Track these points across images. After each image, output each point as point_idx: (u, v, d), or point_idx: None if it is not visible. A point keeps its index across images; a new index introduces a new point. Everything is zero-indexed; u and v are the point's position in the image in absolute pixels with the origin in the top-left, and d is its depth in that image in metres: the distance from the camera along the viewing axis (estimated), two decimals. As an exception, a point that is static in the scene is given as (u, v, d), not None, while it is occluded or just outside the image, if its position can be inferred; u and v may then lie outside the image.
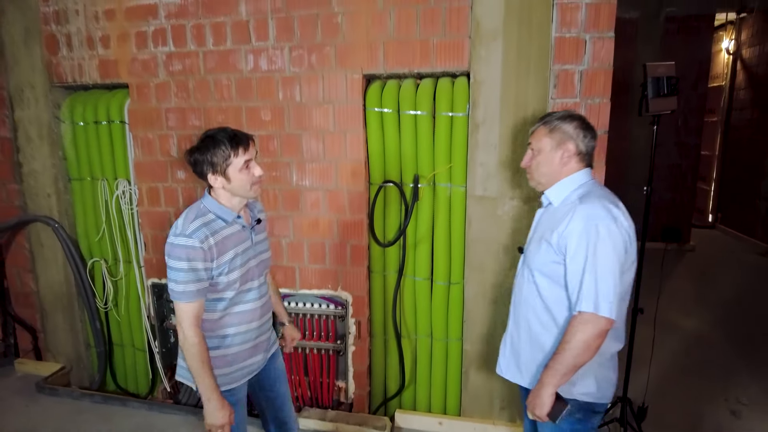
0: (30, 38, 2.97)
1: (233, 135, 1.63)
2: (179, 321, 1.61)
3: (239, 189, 1.66)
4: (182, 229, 1.58)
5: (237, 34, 2.64)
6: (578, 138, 1.62)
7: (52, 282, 3.33)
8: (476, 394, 2.68)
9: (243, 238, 1.72)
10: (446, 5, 2.37)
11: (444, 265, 2.62)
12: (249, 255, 1.74)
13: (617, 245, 1.47)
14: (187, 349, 1.61)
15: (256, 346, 1.83)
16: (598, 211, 1.49)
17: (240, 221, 1.72)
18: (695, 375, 3.33)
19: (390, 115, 2.53)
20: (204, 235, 1.58)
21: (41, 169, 3.16)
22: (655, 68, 2.04)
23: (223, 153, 1.60)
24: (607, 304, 1.45)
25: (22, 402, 3.10)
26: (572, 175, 1.64)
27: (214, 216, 1.65)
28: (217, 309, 1.69)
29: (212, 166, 1.62)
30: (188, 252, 1.56)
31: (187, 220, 1.61)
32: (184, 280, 1.57)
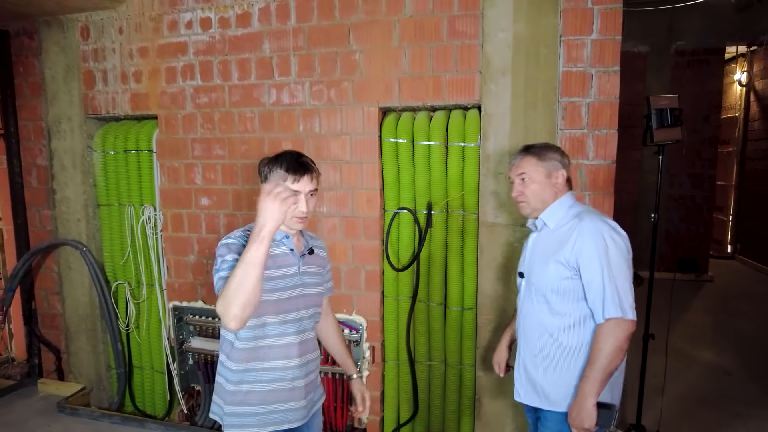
0: (70, 75, 3.19)
1: (296, 161, 1.60)
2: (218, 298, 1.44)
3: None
4: (234, 234, 1.61)
5: (261, 69, 2.81)
6: (564, 165, 1.79)
7: (77, 304, 3.45)
8: (489, 420, 2.69)
9: (289, 262, 1.64)
10: (458, 43, 2.51)
11: (457, 290, 2.68)
12: (293, 282, 1.64)
13: (623, 252, 1.62)
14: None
15: (295, 389, 1.65)
16: (600, 224, 1.64)
17: (288, 243, 1.65)
18: (713, 407, 3.28)
19: (404, 146, 2.65)
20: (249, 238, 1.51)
21: (73, 195, 3.33)
22: (658, 100, 2.13)
23: (278, 173, 1.58)
24: (630, 308, 1.59)
25: (44, 422, 3.18)
26: (562, 198, 1.78)
27: None
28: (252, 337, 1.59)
29: (266, 179, 1.61)
30: (230, 246, 1.54)
31: (237, 231, 1.63)
32: (227, 267, 1.49)
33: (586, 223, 1.65)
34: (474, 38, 2.49)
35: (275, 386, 1.62)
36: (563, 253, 1.66)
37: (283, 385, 1.63)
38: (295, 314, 1.65)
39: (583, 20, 2.36)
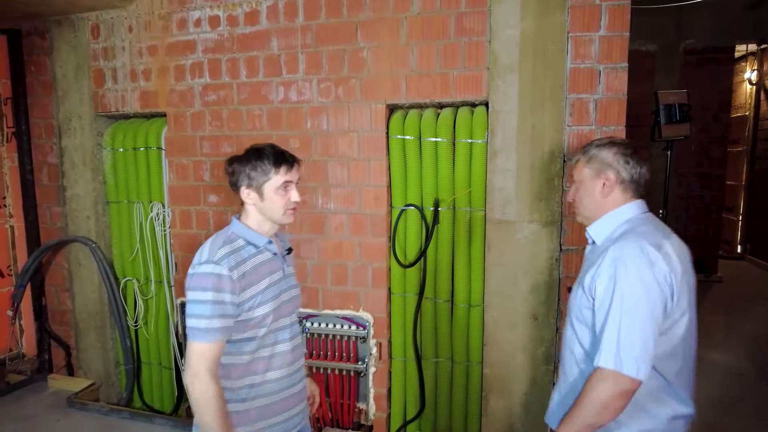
0: (80, 73, 3.23)
1: (280, 152, 1.54)
2: (195, 368, 1.37)
3: (271, 211, 1.52)
4: (209, 256, 1.41)
5: (269, 67, 2.82)
6: (619, 165, 1.47)
7: (87, 301, 3.48)
8: (496, 418, 2.68)
9: (275, 267, 1.56)
10: (465, 40, 2.51)
11: (464, 287, 2.68)
12: (282, 287, 1.57)
13: (652, 292, 1.30)
14: (206, 402, 1.36)
15: (289, 398, 1.58)
16: (632, 251, 1.34)
17: (272, 248, 1.56)
18: (724, 408, 3.25)
19: (412, 142, 2.65)
20: (234, 262, 1.42)
21: (83, 192, 3.36)
22: (666, 96, 2.12)
23: (264, 167, 1.48)
24: (631, 361, 1.28)
25: (54, 416, 3.22)
26: (617, 208, 1.48)
27: (243, 242, 1.50)
28: (246, 351, 1.48)
29: (249, 179, 1.49)
30: (215, 281, 1.37)
31: (215, 247, 1.44)
32: (209, 314, 1.36)
33: (617, 245, 1.37)
34: (481, 35, 2.50)
35: (273, 398, 1.55)
36: (587, 278, 1.42)
37: (279, 396, 1.56)
38: (288, 319, 1.60)
39: (590, 17, 2.35)
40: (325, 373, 2.89)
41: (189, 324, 1.40)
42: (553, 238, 2.48)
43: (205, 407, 1.36)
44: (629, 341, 1.29)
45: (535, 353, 2.57)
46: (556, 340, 2.54)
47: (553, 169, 2.45)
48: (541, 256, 2.50)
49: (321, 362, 2.85)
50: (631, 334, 1.29)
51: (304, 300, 2.88)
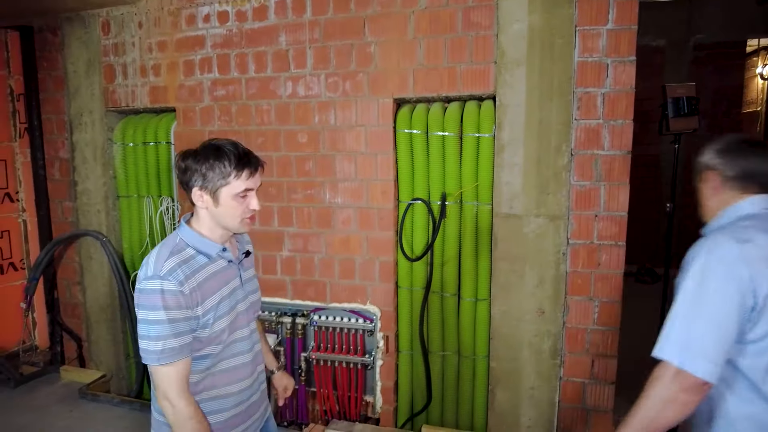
0: (91, 69, 3.27)
1: (244, 153, 1.35)
2: (163, 392, 1.26)
3: (225, 218, 1.36)
4: (155, 271, 1.26)
5: (277, 62, 2.84)
6: (720, 163, 1.40)
7: (98, 294, 3.53)
8: (503, 411, 2.69)
9: (230, 276, 1.41)
10: (472, 34, 2.51)
11: (471, 281, 2.69)
12: (238, 297, 1.44)
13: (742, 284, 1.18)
14: (182, 425, 1.26)
15: (249, 407, 1.49)
16: (723, 241, 1.24)
17: (226, 255, 1.41)
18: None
19: (419, 136, 2.66)
20: (184, 275, 1.28)
21: (93, 187, 3.41)
22: (674, 89, 2.12)
23: (222, 170, 1.31)
24: (697, 359, 1.18)
25: (67, 407, 3.27)
26: (733, 205, 1.38)
27: (193, 251, 1.35)
28: (198, 369, 1.36)
29: (203, 180, 1.32)
30: (164, 299, 1.24)
31: (160, 259, 1.29)
32: (162, 335, 1.24)
33: (710, 237, 1.29)
34: (489, 29, 2.50)
35: (233, 412, 1.45)
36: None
37: (239, 409, 1.46)
38: (247, 329, 1.47)
39: (598, 10, 2.35)
40: (333, 365, 2.92)
41: (143, 347, 1.26)
42: (560, 232, 2.48)
43: (181, 429, 1.28)
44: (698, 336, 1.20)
45: (541, 347, 2.57)
46: (562, 334, 2.54)
47: (560, 163, 2.45)
48: (548, 250, 2.50)
49: (328, 355, 2.87)
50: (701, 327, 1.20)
51: (311, 293, 2.91)
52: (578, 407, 2.59)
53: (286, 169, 2.90)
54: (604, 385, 2.55)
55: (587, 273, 2.48)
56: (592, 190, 2.43)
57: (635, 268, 6.21)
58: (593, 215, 2.44)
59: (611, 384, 2.54)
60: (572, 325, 2.53)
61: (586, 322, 2.51)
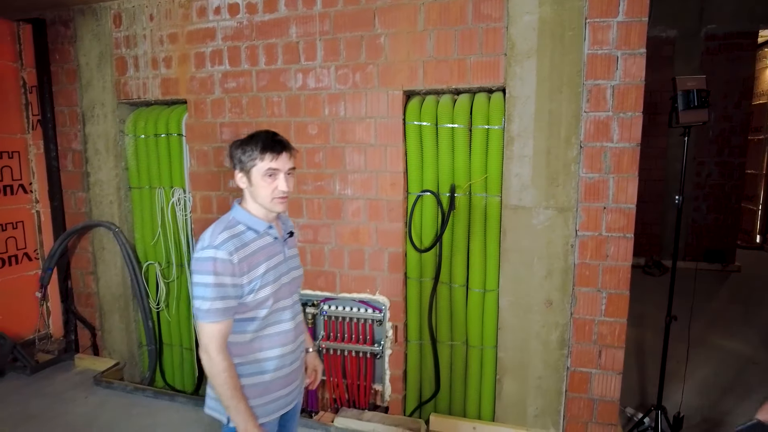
0: (103, 61, 3.30)
1: (269, 139, 1.55)
2: (204, 345, 1.47)
3: (259, 197, 1.55)
4: (210, 242, 1.47)
5: (287, 54, 2.86)
6: None
7: (110, 284, 3.59)
8: (510, 401, 2.73)
9: (275, 251, 1.60)
10: (483, 26, 2.52)
11: (479, 272, 2.71)
12: (281, 270, 1.62)
13: None
14: (216, 376, 1.47)
15: (290, 373, 1.67)
16: None
17: (272, 232, 1.61)
18: (737, 395, 3.25)
19: (428, 128, 2.68)
20: (233, 247, 1.47)
21: (106, 178, 3.46)
22: (684, 81, 2.12)
23: (251, 152, 1.52)
24: None
25: (82, 394, 3.34)
26: None
27: (244, 227, 1.55)
28: (248, 330, 1.55)
29: (240, 162, 1.55)
30: (216, 265, 1.44)
31: (215, 233, 1.50)
32: (211, 296, 1.44)
33: None
34: (499, 21, 2.50)
35: (276, 374, 1.61)
36: None
37: (281, 373, 1.63)
38: (289, 300, 1.65)
39: (609, 2, 2.34)
40: (342, 355, 2.96)
41: (195, 305, 1.48)
42: (569, 224, 2.50)
43: (214, 379, 1.48)
44: None
45: (548, 338, 2.60)
46: (570, 325, 2.57)
47: (569, 155, 2.46)
48: (557, 241, 2.52)
49: (338, 344, 2.92)
50: None
51: (321, 283, 2.95)
52: (585, 397, 2.62)
53: (297, 160, 2.92)
54: (611, 375, 2.57)
55: (595, 264, 2.49)
56: (600, 182, 2.45)
57: (643, 260, 6.21)
58: (602, 207, 2.45)
59: (618, 374, 2.56)
60: (580, 316, 2.55)
61: (593, 314, 2.54)
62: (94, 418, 3.06)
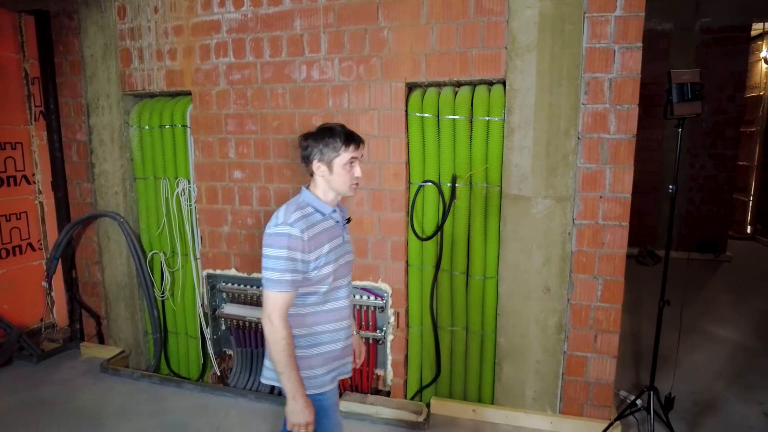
0: (108, 53, 3.33)
1: (349, 132, 1.69)
2: (268, 312, 1.59)
3: (337, 184, 1.69)
4: (284, 219, 1.61)
5: (292, 47, 2.91)
6: None
7: (116, 273, 3.65)
8: (509, 384, 2.82)
9: (336, 233, 1.73)
10: (484, 20, 2.58)
11: (480, 260, 2.79)
12: (340, 252, 1.74)
13: None
14: (276, 342, 1.59)
15: (345, 348, 1.80)
16: None
17: (335, 216, 1.74)
18: (731, 380, 3.36)
19: (430, 120, 2.74)
20: (305, 226, 1.61)
21: (111, 169, 3.50)
22: (679, 75, 2.19)
23: (335, 144, 1.65)
24: None
25: (89, 381, 3.41)
26: None
27: (312, 209, 1.68)
28: (306, 303, 1.69)
29: (321, 154, 1.66)
30: (289, 241, 1.57)
31: (288, 212, 1.63)
32: (281, 268, 1.57)
33: None
34: (500, 15, 2.56)
35: (335, 347, 1.76)
36: None
37: (338, 345, 1.77)
38: (345, 280, 1.79)
39: (608, -3, 2.41)
40: (346, 341, 3.04)
41: (264, 275, 1.60)
42: (567, 213, 2.58)
43: (274, 345, 1.60)
44: None
45: (547, 323, 2.69)
46: (567, 310, 2.65)
47: (568, 146, 2.53)
48: (555, 230, 2.60)
49: (342, 331, 2.99)
50: None
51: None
52: (581, 380, 2.72)
53: (301, 151, 2.99)
54: (607, 358, 2.67)
55: (592, 252, 2.58)
56: (598, 172, 2.52)
57: (636, 250, 6.32)
58: (598, 197, 2.53)
59: (613, 358, 2.66)
60: (577, 302, 2.64)
61: (590, 300, 2.63)
62: (102, 403, 3.13)
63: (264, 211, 3.14)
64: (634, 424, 2.78)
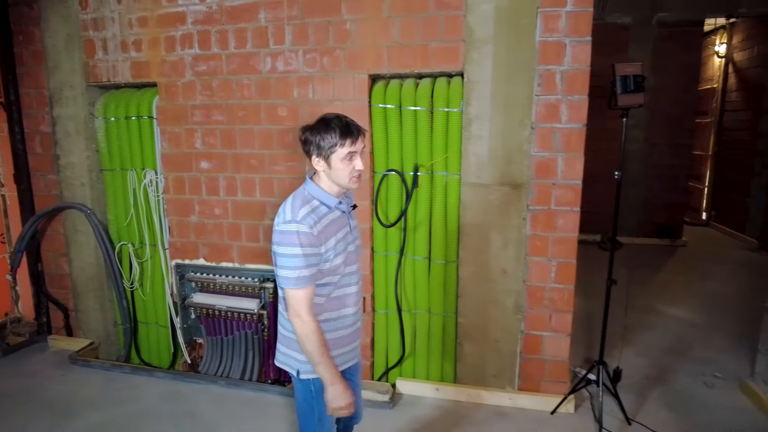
0: (71, 44, 3.31)
1: (346, 124, 1.64)
2: (296, 310, 1.61)
3: (338, 178, 1.66)
4: (292, 216, 1.60)
5: (257, 38, 2.95)
6: None
7: (84, 265, 3.65)
8: (470, 363, 2.96)
9: (343, 224, 1.74)
10: (443, 14, 2.68)
11: (441, 245, 2.91)
12: (348, 240, 1.76)
13: None
14: (308, 335, 1.61)
15: (354, 332, 1.85)
16: None
17: (342, 207, 1.73)
18: (677, 355, 3.59)
19: (393, 111, 2.84)
20: (313, 221, 1.60)
21: (77, 160, 3.49)
22: (623, 68, 2.34)
23: (330, 139, 1.61)
24: None
25: (59, 372, 3.41)
26: None
27: (318, 202, 1.67)
28: (322, 293, 1.70)
29: (318, 149, 1.63)
30: (301, 238, 1.57)
31: (295, 207, 1.62)
32: (299, 266, 1.58)
33: None
34: (459, 9, 2.66)
35: (346, 331, 1.80)
36: None
37: (349, 330, 1.82)
38: (354, 266, 1.82)
39: (559, -8, 2.53)
40: (314, 326, 3.13)
41: (282, 275, 1.62)
42: (522, 199, 2.72)
43: (307, 339, 1.62)
44: None
45: (505, 304, 2.83)
46: (523, 291, 2.80)
47: (523, 135, 2.67)
48: (511, 215, 2.74)
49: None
50: None
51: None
52: (538, 357, 2.88)
53: (268, 141, 3.05)
54: (561, 337, 2.83)
55: (546, 236, 2.73)
56: (551, 160, 2.67)
57: (599, 237, 6.57)
58: (551, 183, 2.68)
59: (567, 336, 2.83)
60: (532, 284, 2.79)
61: (545, 281, 2.78)
62: (73, 394, 3.15)
63: (231, 201, 3.19)
64: (588, 398, 2.97)
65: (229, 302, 3.27)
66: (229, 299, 3.28)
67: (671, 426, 2.72)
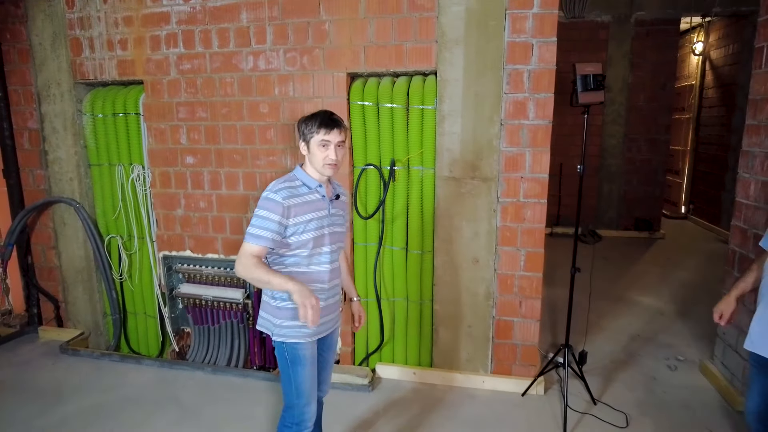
0: (57, 42, 3.39)
1: (325, 117, 1.90)
2: (242, 256, 1.81)
3: (315, 162, 1.90)
4: (271, 188, 1.87)
5: (239, 38, 3.06)
6: None
7: (73, 257, 3.75)
8: (445, 348, 3.11)
9: (321, 206, 1.94)
10: (417, 15, 2.80)
11: (417, 236, 3.06)
12: (324, 222, 1.95)
13: None
14: (251, 271, 1.79)
15: (324, 308, 1.97)
16: None
17: (321, 191, 1.95)
18: (642, 339, 3.77)
19: (370, 108, 2.97)
20: (287, 194, 1.84)
21: (65, 156, 3.58)
22: (583, 67, 2.48)
23: (311, 127, 1.88)
24: None
25: (49, 361, 3.52)
26: None
27: (300, 183, 1.92)
28: (285, 263, 1.91)
29: (303, 135, 1.91)
30: (270, 204, 1.82)
31: (278, 183, 1.89)
32: (260, 225, 1.82)
33: None
34: (431, 11, 2.79)
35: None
36: None
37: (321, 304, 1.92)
38: (328, 248, 1.99)
39: (526, -5, 2.67)
40: (297, 315, 3.26)
41: (247, 231, 1.85)
42: (492, 192, 2.86)
43: (249, 271, 1.80)
44: None
45: (477, 291, 2.98)
46: (494, 279, 2.95)
47: (492, 131, 2.81)
48: (482, 207, 2.89)
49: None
50: None
51: (276, 250, 3.22)
52: (509, 342, 3.04)
53: (250, 137, 3.17)
54: (531, 322, 2.99)
55: (515, 227, 2.88)
56: (519, 155, 2.81)
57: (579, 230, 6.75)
58: (520, 177, 2.82)
59: (536, 321, 2.98)
60: (503, 272, 2.94)
61: (514, 269, 2.93)
62: (63, 381, 3.26)
63: (216, 194, 3.31)
64: (558, 381, 3.13)
65: (215, 292, 3.39)
66: (215, 289, 3.40)
67: (634, 405, 2.89)
